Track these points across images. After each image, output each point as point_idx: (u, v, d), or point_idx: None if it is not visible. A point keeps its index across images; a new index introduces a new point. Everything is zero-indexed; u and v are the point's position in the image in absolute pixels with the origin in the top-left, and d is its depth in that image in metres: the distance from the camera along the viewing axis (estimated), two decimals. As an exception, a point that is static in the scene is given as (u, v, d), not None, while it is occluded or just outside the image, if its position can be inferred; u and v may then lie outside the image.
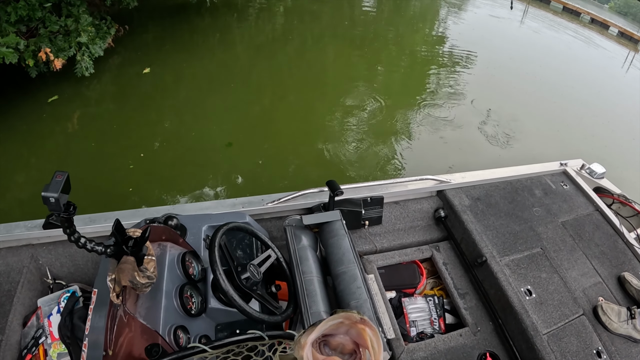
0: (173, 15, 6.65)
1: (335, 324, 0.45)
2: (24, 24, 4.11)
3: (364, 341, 0.45)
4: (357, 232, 2.06)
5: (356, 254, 1.51)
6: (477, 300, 2.07)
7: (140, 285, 1.17)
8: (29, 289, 1.75)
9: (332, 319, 0.46)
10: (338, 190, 1.64)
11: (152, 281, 1.22)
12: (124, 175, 3.56)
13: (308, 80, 5.52)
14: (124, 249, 1.12)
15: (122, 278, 1.13)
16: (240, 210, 1.72)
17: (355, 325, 0.45)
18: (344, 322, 0.45)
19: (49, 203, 1.00)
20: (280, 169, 3.86)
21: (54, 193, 0.98)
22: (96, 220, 1.70)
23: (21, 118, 4.17)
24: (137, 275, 1.15)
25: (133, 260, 1.14)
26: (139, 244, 1.12)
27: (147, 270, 1.19)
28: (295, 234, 1.54)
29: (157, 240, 1.39)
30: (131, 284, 1.15)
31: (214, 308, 1.38)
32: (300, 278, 1.42)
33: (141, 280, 1.16)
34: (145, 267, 1.19)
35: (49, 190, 0.99)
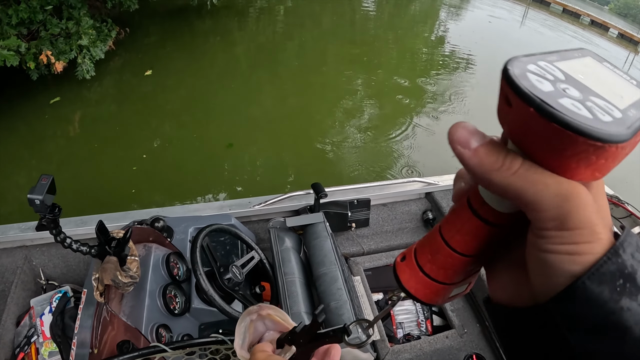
0: (174, 18, 6.71)
1: (249, 327, 0.47)
2: (25, 26, 4.15)
3: (280, 323, 0.47)
4: (344, 234, 2.09)
5: (338, 256, 1.53)
6: (464, 302, 2.09)
7: (123, 284, 1.21)
8: (22, 289, 1.80)
9: (240, 323, 0.47)
10: (322, 192, 1.67)
11: (135, 281, 1.26)
12: (126, 176, 3.59)
13: (308, 82, 5.55)
14: (107, 249, 1.16)
15: (105, 277, 1.17)
16: (227, 212, 1.76)
17: (262, 317, 0.47)
18: (251, 319, 0.47)
19: (34, 205, 1.04)
20: (279, 169, 3.89)
21: (39, 195, 1.02)
22: (87, 222, 1.74)
23: (23, 119, 4.23)
24: (119, 274, 1.18)
25: (116, 260, 1.18)
26: (122, 244, 1.16)
27: (130, 270, 1.23)
28: (278, 235, 1.57)
29: (143, 241, 1.42)
30: (113, 283, 1.19)
31: (197, 308, 1.41)
32: (282, 279, 1.45)
33: (123, 280, 1.20)
34: (128, 267, 1.22)
35: (34, 193, 1.03)
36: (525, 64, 0.22)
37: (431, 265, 0.28)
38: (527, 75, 0.21)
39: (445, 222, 0.27)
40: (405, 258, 0.29)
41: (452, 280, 0.28)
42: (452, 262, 0.27)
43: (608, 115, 0.20)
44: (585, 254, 0.22)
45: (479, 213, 0.26)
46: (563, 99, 0.20)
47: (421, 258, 0.28)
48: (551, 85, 0.21)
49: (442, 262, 0.27)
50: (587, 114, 0.20)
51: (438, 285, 0.28)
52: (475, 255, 0.27)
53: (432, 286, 0.28)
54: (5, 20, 3.94)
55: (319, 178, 3.65)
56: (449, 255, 0.27)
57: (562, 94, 0.21)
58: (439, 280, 0.28)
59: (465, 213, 0.26)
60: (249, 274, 1.50)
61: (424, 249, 0.28)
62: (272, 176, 3.78)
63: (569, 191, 0.21)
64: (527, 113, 0.20)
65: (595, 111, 0.20)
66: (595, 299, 0.21)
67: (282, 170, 3.92)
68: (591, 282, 0.21)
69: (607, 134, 0.19)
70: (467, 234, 0.26)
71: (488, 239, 0.26)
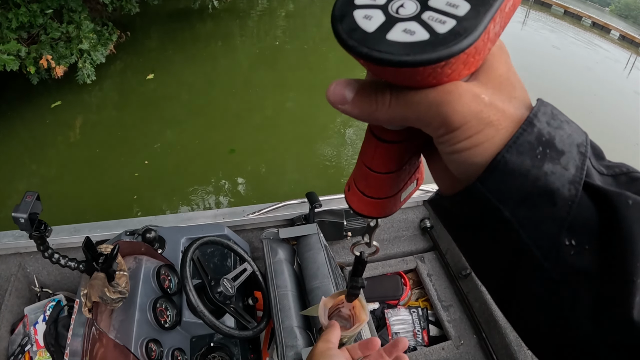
0: (175, 21, 6.71)
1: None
2: (25, 30, 4.15)
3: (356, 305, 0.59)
4: (339, 243, 2.07)
5: (332, 268, 1.52)
6: (461, 312, 2.07)
7: (111, 300, 1.19)
8: (16, 297, 1.79)
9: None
10: (317, 202, 1.65)
11: (124, 296, 1.25)
12: (128, 182, 3.58)
13: (309, 85, 5.53)
14: (94, 265, 1.15)
15: (92, 294, 1.16)
16: (220, 221, 1.75)
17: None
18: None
19: (19, 223, 1.03)
20: (281, 174, 3.87)
21: (23, 214, 1.01)
22: (80, 230, 1.73)
23: (23, 124, 4.23)
24: (107, 291, 1.17)
25: (103, 276, 1.17)
26: (109, 260, 1.15)
27: (118, 285, 1.22)
28: (271, 247, 1.55)
29: (133, 253, 1.41)
30: (101, 299, 1.18)
31: (188, 321, 1.40)
32: (275, 292, 1.44)
33: (111, 296, 1.19)
34: (116, 283, 1.21)
35: (18, 211, 1.02)
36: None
37: (369, 189, 0.31)
38: (352, 14, 0.21)
39: (363, 152, 0.30)
40: (350, 189, 0.33)
41: (392, 193, 0.32)
42: (382, 181, 0.30)
43: (444, 25, 0.20)
44: (482, 143, 0.23)
45: (381, 137, 0.28)
46: (394, 29, 0.20)
47: (360, 185, 0.32)
48: (381, 14, 0.21)
49: (375, 183, 0.31)
50: (424, 34, 0.19)
51: (383, 200, 0.32)
52: (397, 169, 0.30)
53: (378, 203, 0.32)
54: (5, 24, 3.93)
55: (321, 183, 3.67)
56: (377, 177, 0.30)
57: (393, 20, 0.20)
58: (382, 196, 0.32)
59: (372, 140, 0.28)
60: (241, 285, 1.49)
61: (358, 178, 0.32)
62: (274, 181, 3.76)
63: (437, 98, 0.22)
64: (361, 60, 0.20)
65: (433, 24, 0.20)
66: (517, 169, 0.22)
67: (284, 175, 3.90)
68: (510, 154, 0.22)
69: (445, 53, 0.19)
70: (382, 156, 0.29)
71: (401, 153, 0.29)
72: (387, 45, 0.19)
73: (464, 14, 0.20)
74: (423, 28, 0.20)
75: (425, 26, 0.20)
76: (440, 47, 0.19)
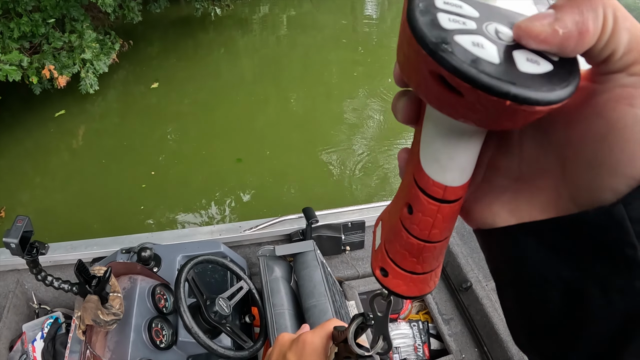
0: (177, 29, 6.74)
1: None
2: (27, 40, 4.16)
3: None
4: (338, 257, 2.05)
5: (329, 286, 1.50)
6: (462, 325, 2.04)
7: (104, 323, 1.19)
8: (15, 314, 1.79)
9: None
10: (313, 218, 1.64)
11: (118, 318, 1.24)
12: (135, 193, 3.56)
13: (312, 91, 5.52)
14: (87, 288, 1.14)
15: (86, 317, 1.16)
16: (217, 238, 1.74)
17: None
18: None
19: (10, 248, 1.03)
20: (285, 185, 3.83)
21: (14, 239, 1.01)
22: (77, 247, 1.73)
23: (27, 134, 4.24)
24: (100, 313, 1.17)
25: (97, 299, 1.16)
26: (102, 283, 1.14)
27: (112, 307, 1.21)
28: (268, 264, 1.54)
29: (128, 273, 1.41)
30: (95, 322, 1.17)
31: (185, 341, 1.39)
32: (271, 311, 1.42)
33: (105, 318, 1.18)
34: (110, 305, 1.21)
35: (9, 236, 1.02)
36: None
37: (424, 264, 0.25)
38: (457, 41, 0.17)
39: (412, 226, 0.24)
40: (389, 274, 0.26)
41: (441, 260, 0.27)
42: (441, 248, 0.25)
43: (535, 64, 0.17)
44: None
45: (446, 199, 0.22)
46: (517, 58, 0.17)
47: (407, 265, 0.25)
48: (487, 41, 0.17)
49: (432, 255, 0.25)
50: (546, 63, 0.17)
51: (438, 268, 0.27)
52: (450, 232, 0.24)
53: (433, 274, 0.26)
54: (7, 33, 3.95)
55: (326, 195, 3.64)
56: (434, 247, 0.24)
57: (506, 47, 0.17)
58: (436, 266, 0.26)
59: (429, 207, 0.22)
60: (238, 303, 1.48)
61: (402, 257, 0.25)
62: (279, 190, 3.73)
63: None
64: (490, 99, 0.16)
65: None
66: None
67: (288, 185, 3.86)
68: None
69: (576, 81, 0.17)
70: (445, 221, 0.23)
71: (457, 212, 0.23)
72: (525, 79, 0.16)
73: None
74: (541, 57, 0.17)
75: (541, 55, 0.17)
76: (575, 75, 0.17)
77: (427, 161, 0.22)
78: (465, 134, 0.20)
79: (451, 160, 0.21)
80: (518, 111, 0.16)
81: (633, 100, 0.17)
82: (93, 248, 1.71)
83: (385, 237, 0.27)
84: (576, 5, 0.16)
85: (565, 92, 0.16)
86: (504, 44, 0.18)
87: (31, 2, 4.12)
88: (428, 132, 0.22)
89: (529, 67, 0.16)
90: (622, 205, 0.16)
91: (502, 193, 0.23)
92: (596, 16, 0.16)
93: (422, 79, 0.18)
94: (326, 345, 0.42)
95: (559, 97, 0.16)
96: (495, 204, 0.23)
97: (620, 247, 0.17)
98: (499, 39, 0.18)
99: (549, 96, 0.16)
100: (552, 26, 0.16)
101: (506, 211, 0.22)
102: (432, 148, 0.21)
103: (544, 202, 0.21)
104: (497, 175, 0.23)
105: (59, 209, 3.33)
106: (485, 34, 0.18)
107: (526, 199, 0.22)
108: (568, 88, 0.16)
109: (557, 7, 0.17)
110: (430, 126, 0.22)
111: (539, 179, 0.21)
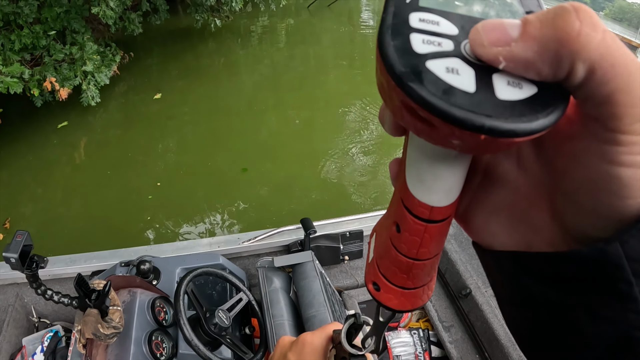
0: (177, 41, 6.79)
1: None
2: (28, 52, 4.18)
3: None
4: (337, 267, 2.05)
5: (328, 296, 1.51)
6: (462, 332, 2.04)
7: (105, 336, 1.19)
8: (14, 327, 1.80)
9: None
10: (311, 229, 1.65)
11: (118, 331, 1.24)
12: (142, 205, 3.56)
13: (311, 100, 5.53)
14: (87, 302, 1.15)
15: (86, 331, 1.16)
16: (215, 250, 1.75)
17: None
18: None
19: (10, 263, 1.04)
20: (288, 195, 3.82)
21: (14, 253, 1.02)
22: (76, 260, 1.74)
23: (29, 146, 4.25)
24: (100, 327, 1.17)
25: (97, 312, 1.17)
26: (102, 296, 1.15)
27: (112, 320, 1.21)
28: (266, 276, 1.55)
29: (127, 286, 1.41)
30: (95, 336, 1.18)
31: (185, 353, 1.39)
32: (271, 322, 1.43)
33: (105, 332, 1.18)
34: (110, 318, 1.21)
35: (9, 251, 1.03)
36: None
37: (414, 280, 0.25)
38: (428, 68, 0.16)
39: (400, 244, 0.23)
40: (381, 288, 0.26)
41: (434, 275, 0.26)
42: (432, 264, 0.24)
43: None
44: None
45: (432, 219, 0.21)
46: (496, 82, 0.16)
47: (397, 280, 0.25)
48: (464, 64, 0.16)
49: (422, 271, 0.24)
50: (530, 86, 0.16)
51: (430, 282, 0.26)
52: (441, 248, 0.24)
53: (426, 287, 0.26)
54: (8, 45, 3.97)
55: (327, 204, 3.63)
56: (424, 265, 0.24)
57: (484, 70, 0.16)
58: (428, 280, 0.26)
59: (415, 227, 0.22)
60: (237, 314, 1.48)
61: (393, 273, 0.25)
62: (281, 201, 3.73)
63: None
64: (463, 133, 0.15)
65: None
66: None
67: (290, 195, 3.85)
68: None
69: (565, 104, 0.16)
70: (432, 240, 0.22)
71: (446, 230, 0.23)
72: (504, 108, 0.15)
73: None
74: (524, 79, 0.16)
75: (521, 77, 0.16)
76: (563, 98, 0.16)
77: (412, 181, 0.21)
78: (450, 156, 0.19)
79: (437, 180, 0.20)
80: (496, 142, 0.15)
81: (605, 156, 0.16)
82: (92, 261, 1.72)
83: (376, 252, 0.26)
84: (535, 38, 0.15)
85: (547, 121, 0.15)
86: (483, 66, 0.16)
87: (32, 14, 4.15)
88: (412, 154, 0.21)
89: (509, 93, 0.15)
90: (619, 244, 0.16)
91: (499, 208, 0.22)
92: (555, 62, 0.15)
93: (396, 108, 0.17)
94: (326, 347, 0.42)
95: (539, 127, 0.15)
96: (493, 223, 0.22)
97: (615, 282, 0.16)
98: (479, 60, 0.16)
99: (529, 126, 0.15)
100: (507, 43, 0.15)
101: (505, 234, 0.22)
102: (416, 168, 0.21)
103: (540, 230, 0.20)
104: (494, 182, 0.22)
105: (63, 221, 3.34)
106: (463, 54, 0.16)
107: (523, 222, 0.21)
108: (552, 115, 0.15)
109: (525, 23, 0.15)
110: (414, 147, 0.21)
111: (536, 195, 0.20)
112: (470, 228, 0.24)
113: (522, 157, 0.21)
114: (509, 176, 0.22)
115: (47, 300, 1.19)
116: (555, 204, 0.19)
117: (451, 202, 0.21)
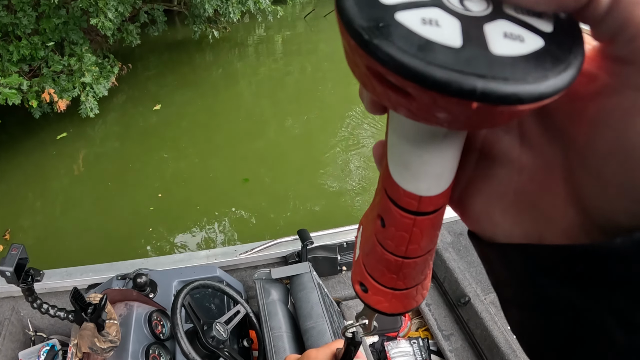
0: (174, 52, 6.82)
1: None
2: (26, 63, 4.18)
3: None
4: (335, 278, 2.05)
5: (326, 307, 1.50)
6: (462, 341, 2.03)
7: (101, 350, 1.18)
8: (10, 341, 1.78)
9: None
10: (308, 240, 1.65)
11: (115, 345, 1.23)
12: (143, 216, 3.54)
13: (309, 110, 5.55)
14: (83, 316, 1.14)
15: (82, 345, 1.15)
16: (212, 262, 1.74)
17: None
18: None
19: (5, 276, 1.04)
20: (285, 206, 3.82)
21: (9, 267, 1.02)
22: (72, 274, 1.73)
23: (28, 157, 4.23)
24: (97, 341, 1.16)
25: (93, 326, 1.16)
26: (98, 310, 1.14)
27: (109, 334, 1.21)
28: (264, 288, 1.54)
29: (124, 300, 1.40)
30: (91, 350, 1.17)
31: (181, 367, 1.38)
32: (269, 334, 1.42)
33: (102, 346, 1.18)
34: (107, 332, 1.20)
35: (4, 264, 1.02)
36: None
37: (405, 280, 0.22)
38: (396, 19, 0.12)
39: (385, 241, 0.20)
40: (369, 290, 0.23)
41: (428, 272, 0.23)
42: (423, 262, 0.21)
43: (545, 23, 0.13)
44: None
45: (422, 211, 0.18)
46: (489, 32, 0.12)
47: (386, 281, 0.22)
48: (445, 14, 0.13)
49: (413, 271, 0.21)
50: (536, 38, 0.12)
51: (424, 281, 0.23)
52: (435, 243, 0.21)
53: (419, 288, 0.23)
54: (6, 56, 3.96)
55: (328, 213, 3.62)
56: (415, 263, 0.21)
57: (475, 20, 0.13)
58: (421, 280, 0.23)
59: (403, 221, 0.19)
60: (235, 326, 1.47)
61: (381, 274, 0.22)
62: (279, 214, 3.73)
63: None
64: (461, 103, 0.12)
65: (534, 22, 0.13)
66: None
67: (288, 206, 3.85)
68: None
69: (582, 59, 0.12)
70: (422, 235, 0.19)
71: (439, 222, 0.20)
72: (502, 66, 0.11)
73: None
74: (526, 28, 0.13)
75: (527, 26, 0.13)
76: (578, 50, 0.13)
77: (395, 168, 0.18)
78: (438, 134, 0.16)
79: (424, 165, 0.17)
80: (494, 112, 0.12)
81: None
82: (88, 275, 1.71)
83: (362, 249, 0.23)
84: None
85: (560, 81, 0.12)
86: (471, 16, 0.13)
87: (30, 25, 4.17)
88: (393, 134, 0.17)
89: (507, 47, 0.12)
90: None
91: (502, 192, 0.18)
92: None
93: (363, 76, 0.13)
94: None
95: (551, 89, 0.12)
96: (495, 210, 0.19)
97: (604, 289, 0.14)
98: (465, 9, 0.13)
99: (537, 89, 0.11)
100: None
101: (510, 223, 0.18)
102: (399, 152, 0.17)
103: (554, 217, 0.16)
104: (493, 162, 0.19)
105: (64, 233, 3.32)
106: (444, 4, 0.13)
107: (532, 208, 0.17)
108: (566, 73, 0.12)
109: None
110: (394, 126, 0.17)
111: (546, 175, 0.17)
112: (468, 216, 0.20)
113: (524, 130, 0.17)
114: (511, 154, 0.18)
115: (43, 314, 1.18)
116: (572, 185, 0.15)
117: (443, 190, 0.18)
